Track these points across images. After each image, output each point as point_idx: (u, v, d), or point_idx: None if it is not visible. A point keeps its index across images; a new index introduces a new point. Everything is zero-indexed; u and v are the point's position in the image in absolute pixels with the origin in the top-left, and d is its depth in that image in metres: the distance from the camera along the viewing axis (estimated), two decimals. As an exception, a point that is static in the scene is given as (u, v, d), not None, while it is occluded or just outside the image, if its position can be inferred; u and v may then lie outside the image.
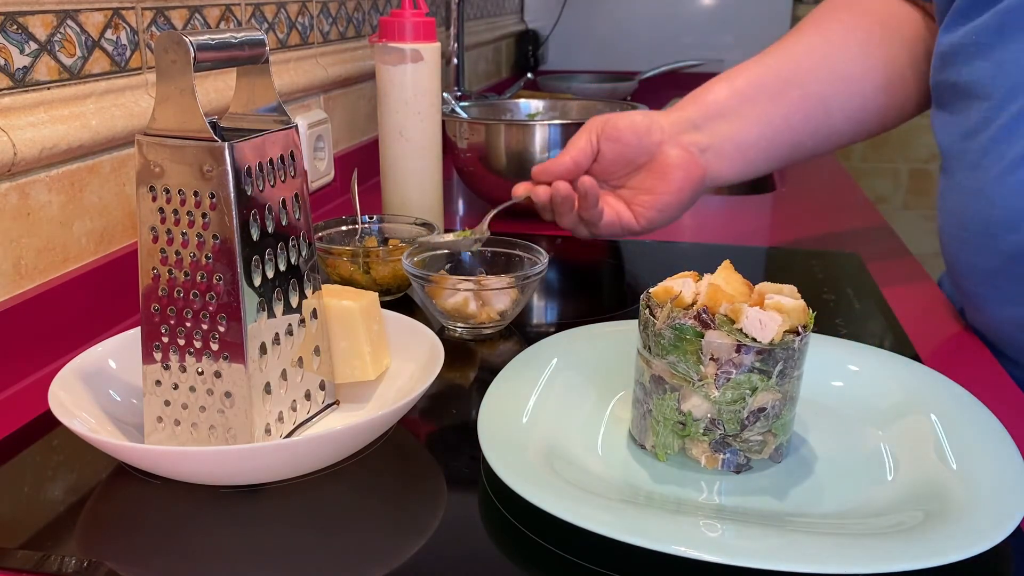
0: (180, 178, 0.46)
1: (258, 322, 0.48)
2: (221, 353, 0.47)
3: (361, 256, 0.75)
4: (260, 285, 0.48)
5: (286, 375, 0.51)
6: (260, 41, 0.49)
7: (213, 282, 0.47)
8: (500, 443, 0.47)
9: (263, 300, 0.48)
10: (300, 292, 0.52)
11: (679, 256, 0.92)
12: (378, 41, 0.86)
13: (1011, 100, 0.62)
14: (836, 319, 0.73)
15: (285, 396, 0.51)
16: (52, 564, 0.42)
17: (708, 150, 0.78)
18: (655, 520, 0.43)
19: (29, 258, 0.63)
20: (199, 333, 0.48)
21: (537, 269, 0.69)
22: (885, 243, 0.96)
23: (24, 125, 0.61)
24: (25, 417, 0.56)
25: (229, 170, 0.45)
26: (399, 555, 0.43)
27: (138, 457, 0.47)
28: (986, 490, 0.44)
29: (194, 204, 0.46)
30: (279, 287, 0.50)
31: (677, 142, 0.77)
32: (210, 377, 0.48)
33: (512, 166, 1.00)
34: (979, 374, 0.64)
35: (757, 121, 0.78)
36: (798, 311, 0.46)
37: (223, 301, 0.47)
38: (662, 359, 0.48)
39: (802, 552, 0.39)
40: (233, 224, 0.46)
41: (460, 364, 0.65)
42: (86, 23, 0.68)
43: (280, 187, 0.49)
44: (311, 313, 0.53)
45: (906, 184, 2.55)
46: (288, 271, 0.50)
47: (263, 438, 0.49)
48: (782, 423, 0.48)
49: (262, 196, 0.48)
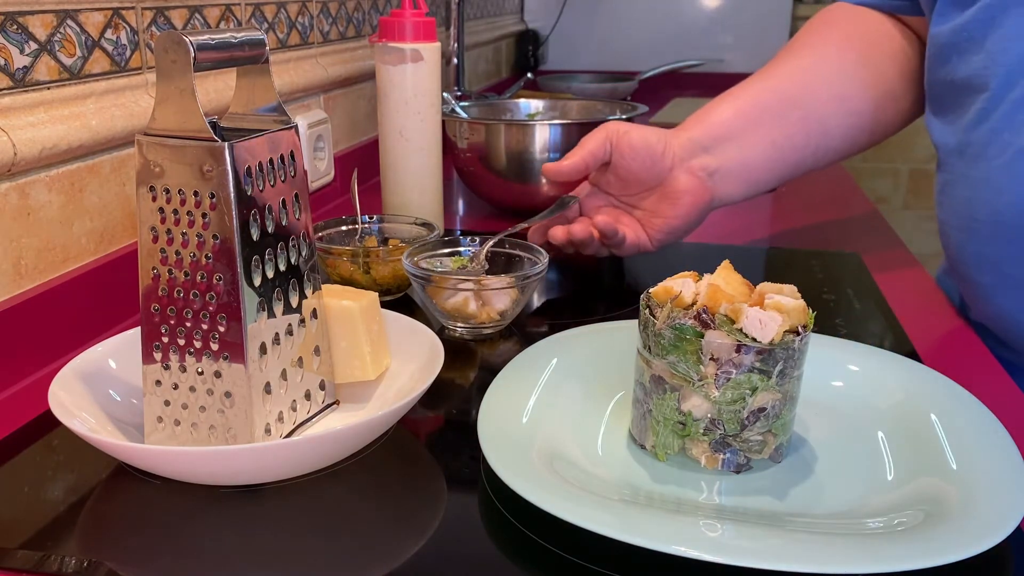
0: (180, 178, 0.46)
1: (258, 322, 0.48)
2: (221, 353, 0.47)
3: (361, 256, 0.75)
4: (260, 285, 0.48)
5: (286, 375, 0.51)
6: (260, 41, 0.49)
7: (213, 282, 0.47)
8: (500, 443, 0.47)
9: (263, 300, 0.48)
10: (300, 292, 0.52)
11: (679, 256, 0.92)
12: (378, 41, 0.86)
13: (1008, 88, 0.63)
14: (836, 319, 0.73)
15: (285, 396, 0.51)
16: (52, 564, 0.42)
17: (716, 173, 0.78)
18: (655, 520, 0.43)
19: (29, 258, 0.63)
20: (199, 333, 0.48)
21: (537, 269, 0.69)
22: (885, 243, 0.96)
23: (24, 125, 0.61)
24: (25, 417, 0.56)
25: (229, 170, 0.45)
26: (399, 555, 0.43)
27: (138, 457, 0.47)
28: (986, 490, 0.44)
29: (194, 204, 0.46)
30: (279, 287, 0.50)
31: (687, 167, 0.78)
32: (210, 377, 0.48)
33: (512, 166, 1.00)
34: (979, 374, 0.64)
35: (762, 143, 0.79)
36: (798, 311, 0.46)
37: (223, 301, 0.47)
38: (662, 359, 0.48)
39: (802, 552, 0.39)
40: (233, 224, 0.46)
41: (460, 364, 0.65)
42: (86, 23, 0.68)
43: (280, 187, 0.49)
44: (311, 313, 0.53)
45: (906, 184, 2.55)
46: (288, 271, 0.50)
47: (263, 438, 0.49)
48: (782, 423, 0.48)
49: (262, 196, 0.48)
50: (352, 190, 0.80)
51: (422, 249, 0.73)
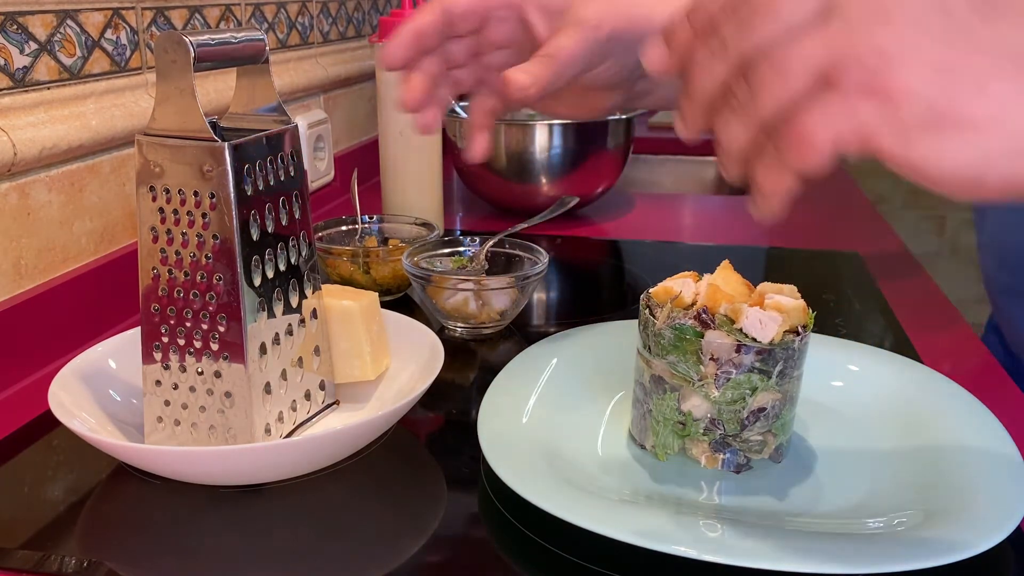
0: (180, 178, 0.46)
1: (258, 322, 0.48)
2: (221, 353, 0.47)
3: (361, 256, 0.75)
4: (260, 285, 0.48)
5: (286, 375, 0.51)
6: (260, 40, 0.49)
7: (213, 282, 0.47)
8: (500, 443, 0.47)
9: (263, 300, 0.48)
10: (300, 292, 0.52)
11: (679, 256, 0.92)
12: (378, 41, 0.86)
13: None
14: (836, 319, 0.73)
15: (285, 396, 0.51)
16: (52, 564, 0.42)
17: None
18: (655, 520, 0.43)
19: (29, 258, 0.63)
20: (199, 333, 0.48)
21: (537, 269, 0.69)
22: (885, 243, 0.96)
23: (24, 125, 0.61)
24: (25, 417, 0.56)
25: (229, 170, 0.45)
26: (399, 555, 0.43)
27: (138, 457, 0.47)
28: (986, 490, 0.44)
29: (194, 204, 0.46)
30: (279, 287, 0.50)
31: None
32: (210, 377, 0.48)
33: (512, 166, 1.00)
34: (979, 374, 0.64)
35: None
36: (798, 311, 0.46)
37: (223, 301, 0.47)
38: (662, 359, 0.48)
39: (802, 552, 0.39)
40: (233, 224, 0.46)
41: (460, 364, 0.65)
42: (86, 23, 0.68)
43: (280, 187, 0.49)
44: (311, 313, 0.53)
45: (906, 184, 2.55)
46: (288, 271, 0.50)
47: (263, 438, 0.49)
48: (782, 423, 0.48)
49: (262, 196, 0.48)
50: (352, 190, 0.80)
51: (422, 249, 0.73)
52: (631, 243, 0.96)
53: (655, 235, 0.99)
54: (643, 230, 1.01)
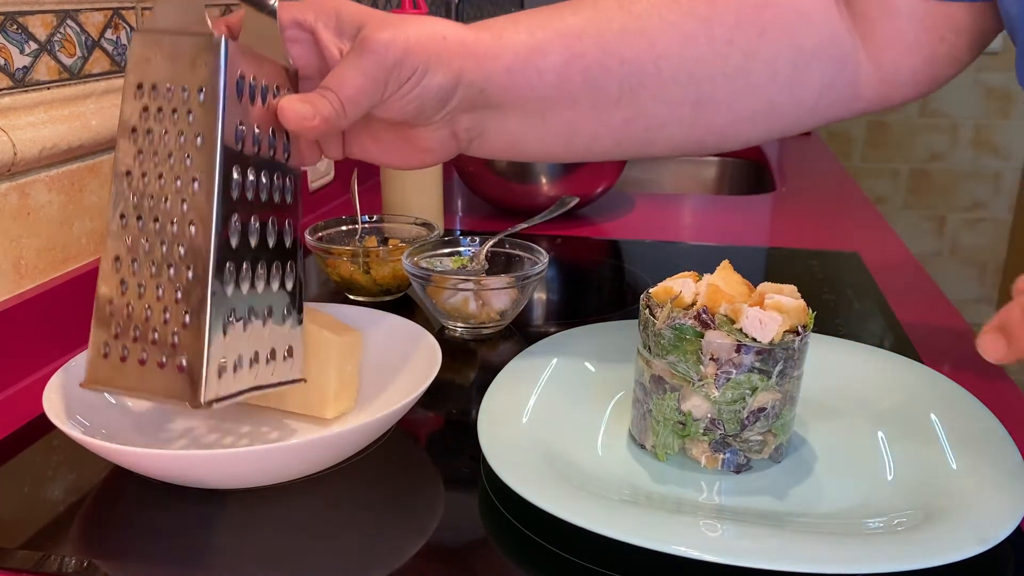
0: (169, 72, 0.43)
1: (232, 235, 0.43)
2: (185, 263, 0.43)
3: (361, 256, 0.75)
4: (238, 200, 0.44)
5: (253, 311, 0.45)
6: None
7: (191, 190, 0.43)
8: (500, 443, 0.47)
9: (239, 215, 0.44)
10: (279, 238, 0.47)
11: (679, 256, 0.92)
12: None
13: None
14: (836, 319, 0.73)
15: (246, 337, 0.45)
16: (52, 564, 0.42)
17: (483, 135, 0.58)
18: (655, 520, 0.43)
19: (29, 258, 0.63)
20: (165, 242, 0.43)
21: (537, 269, 0.69)
22: (885, 243, 0.96)
23: (24, 125, 0.61)
24: (25, 417, 0.56)
25: (222, 63, 0.42)
26: (399, 555, 0.43)
27: (133, 461, 0.47)
28: (986, 490, 0.44)
29: (181, 100, 0.43)
30: (258, 215, 0.45)
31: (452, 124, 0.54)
32: (169, 288, 0.43)
33: (512, 166, 1.00)
34: (979, 374, 0.64)
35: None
36: (798, 311, 0.46)
37: (195, 204, 0.43)
38: (662, 359, 0.48)
39: (802, 552, 0.39)
40: (218, 121, 0.42)
41: (460, 364, 0.65)
42: (86, 23, 0.68)
43: (273, 116, 0.46)
44: (288, 269, 0.48)
45: (906, 184, 2.55)
46: (269, 206, 0.46)
47: (215, 377, 0.43)
48: (782, 423, 0.48)
49: (252, 112, 0.45)
50: (352, 190, 0.80)
51: (422, 249, 0.74)
52: (631, 243, 0.96)
53: (655, 235, 0.99)
54: (643, 230, 1.01)
